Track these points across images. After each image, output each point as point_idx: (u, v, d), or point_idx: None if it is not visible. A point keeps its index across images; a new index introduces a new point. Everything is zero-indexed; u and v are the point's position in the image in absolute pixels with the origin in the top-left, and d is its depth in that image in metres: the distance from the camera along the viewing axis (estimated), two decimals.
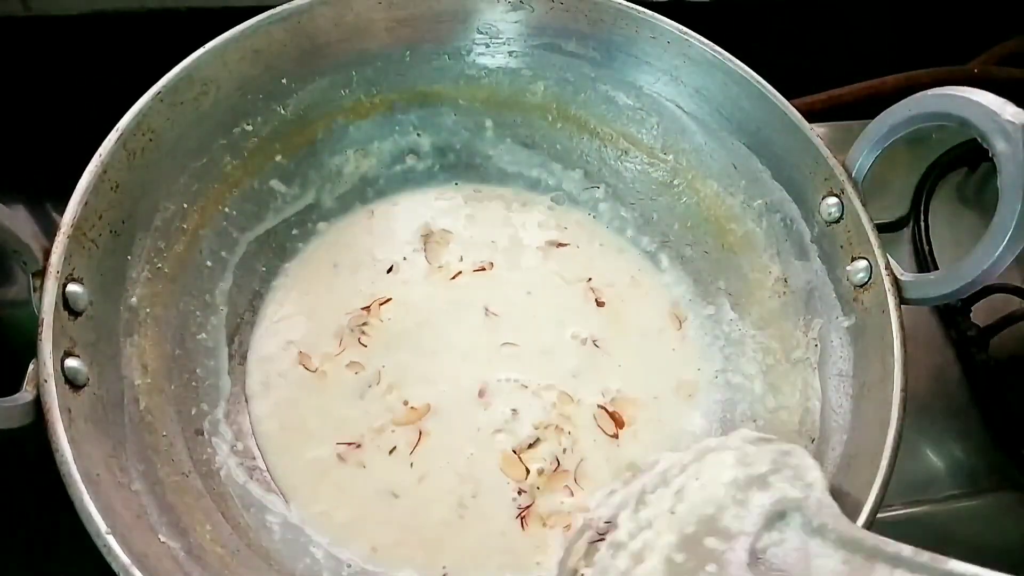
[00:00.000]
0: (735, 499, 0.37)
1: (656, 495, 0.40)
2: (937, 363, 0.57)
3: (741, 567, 0.34)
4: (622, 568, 0.37)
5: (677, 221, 0.54)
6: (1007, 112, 0.37)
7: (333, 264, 0.50)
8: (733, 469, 0.39)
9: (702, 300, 0.52)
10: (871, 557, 0.32)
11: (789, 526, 0.35)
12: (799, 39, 0.71)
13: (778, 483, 0.37)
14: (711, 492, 0.38)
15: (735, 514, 0.36)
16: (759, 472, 0.38)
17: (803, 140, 0.46)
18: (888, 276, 0.42)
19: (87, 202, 0.37)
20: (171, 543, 0.35)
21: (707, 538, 0.36)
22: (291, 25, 0.46)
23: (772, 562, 0.35)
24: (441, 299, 0.50)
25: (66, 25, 0.57)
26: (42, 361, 0.33)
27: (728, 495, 0.37)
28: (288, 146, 0.50)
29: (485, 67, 0.53)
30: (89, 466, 0.33)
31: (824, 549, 0.34)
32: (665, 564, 0.36)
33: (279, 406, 0.45)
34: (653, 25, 0.49)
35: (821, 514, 0.35)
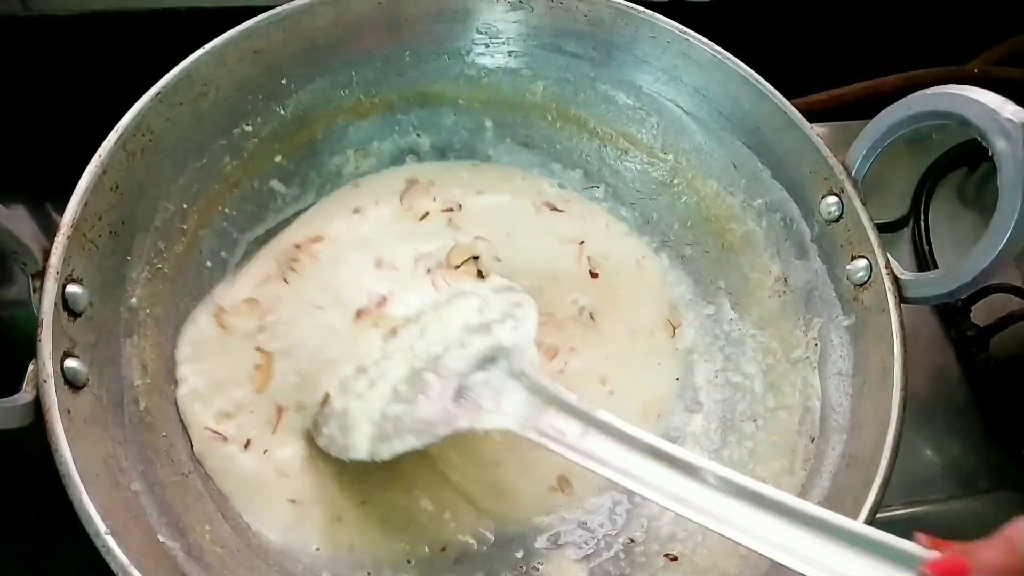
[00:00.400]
0: (461, 341, 0.42)
1: (407, 329, 0.44)
2: (937, 363, 0.57)
3: (446, 400, 0.40)
4: (359, 391, 0.42)
5: (677, 221, 0.54)
6: (1007, 111, 0.37)
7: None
8: (471, 315, 0.44)
9: (702, 300, 0.52)
10: (548, 402, 0.38)
11: (497, 368, 0.40)
12: (799, 39, 0.71)
13: (498, 331, 0.42)
14: (447, 333, 0.43)
15: (457, 355, 0.41)
16: (488, 319, 0.43)
17: (803, 140, 0.46)
18: (888, 275, 0.42)
19: (87, 202, 0.37)
20: (170, 543, 0.35)
21: (427, 373, 0.41)
22: (291, 25, 0.46)
23: (472, 398, 0.39)
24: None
25: (66, 25, 0.57)
26: (42, 361, 0.33)
27: (457, 337, 0.42)
28: (288, 146, 0.50)
29: (485, 67, 0.53)
30: (89, 466, 0.33)
31: (516, 390, 0.39)
32: (391, 392, 0.41)
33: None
34: (653, 25, 0.49)
35: (523, 362, 0.40)
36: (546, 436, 0.37)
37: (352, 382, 0.42)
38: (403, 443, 0.39)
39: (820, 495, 0.41)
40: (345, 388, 0.42)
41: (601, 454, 0.36)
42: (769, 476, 0.44)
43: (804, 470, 0.43)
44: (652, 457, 0.35)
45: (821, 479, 0.42)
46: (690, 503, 0.33)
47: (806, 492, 0.42)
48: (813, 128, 0.46)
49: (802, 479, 0.43)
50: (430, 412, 0.39)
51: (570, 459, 0.36)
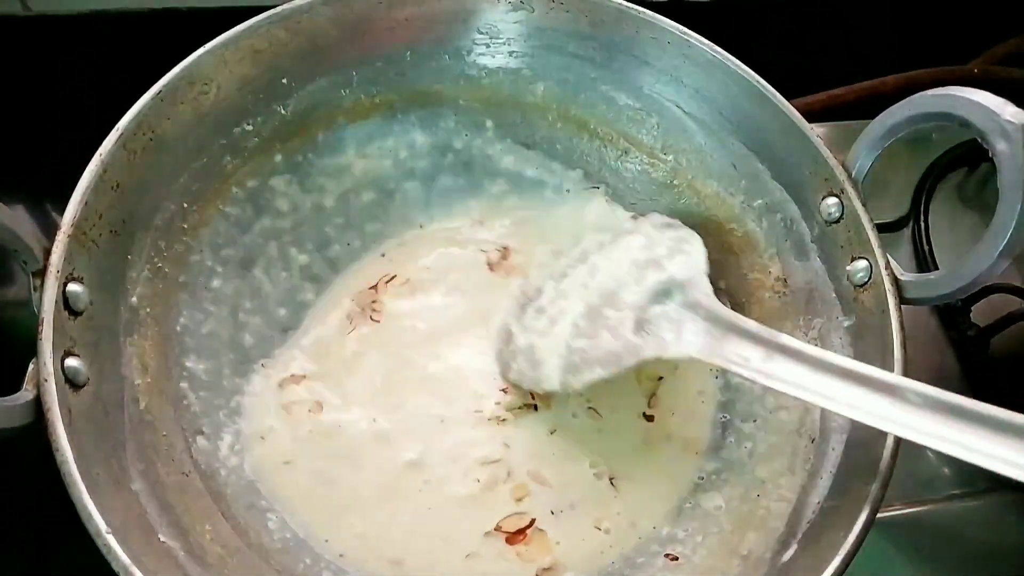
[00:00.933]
0: (634, 277, 0.44)
1: (576, 270, 0.47)
2: (937, 363, 0.57)
3: (628, 332, 0.42)
4: (540, 328, 0.45)
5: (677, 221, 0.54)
6: (1007, 112, 0.37)
7: None
8: (639, 251, 0.46)
9: None
10: (728, 329, 0.39)
11: (672, 301, 0.42)
12: (799, 39, 0.71)
13: (670, 265, 0.44)
14: (617, 270, 0.45)
15: (632, 290, 0.44)
16: (657, 254, 0.45)
17: (803, 140, 0.46)
18: (888, 276, 0.42)
19: (87, 202, 0.37)
20: (171, 543, 0.35)
21: (606, 308, 0.44)
22: (291, 25, 0.46)
23: (652, 330, 0.41)
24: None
25: (66, 25, 0.57)
26: (42, 361, 0.33)
27: (629, 273, 0.45)
28: (288, 146, 0.50)
29: (485, 67, 0.53)
30: (89, 466, 0.33)
31: (695, 324, 0.40)
32: (572, 327, 0.44)
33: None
34: (653, 25, 0.49)
35: (697, 294, 0.42)
36: (731, 362, 0.38)
37: (532, 320, 0.46)
38: (592, 373, 0.42)
39: (820, 495, 0.41)
40: (527, 326, 0.46)
41: (787, 376, 0.36)
42: (769, 476, 0.44)
43: (804, 470, 0.43)
44: (840, 376, 0.35)
45: (821, 479, 0.42)
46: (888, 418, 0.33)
47: (806, 492, 0.42)
48: (813, 128, 0.46)
49: (802, 479, 0.43)
50: (614, 344, 0.42)
51: (758, 382, 0.37)
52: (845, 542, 0.36)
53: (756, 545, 0.41)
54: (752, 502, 0.44)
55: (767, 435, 0.47)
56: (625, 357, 0.41)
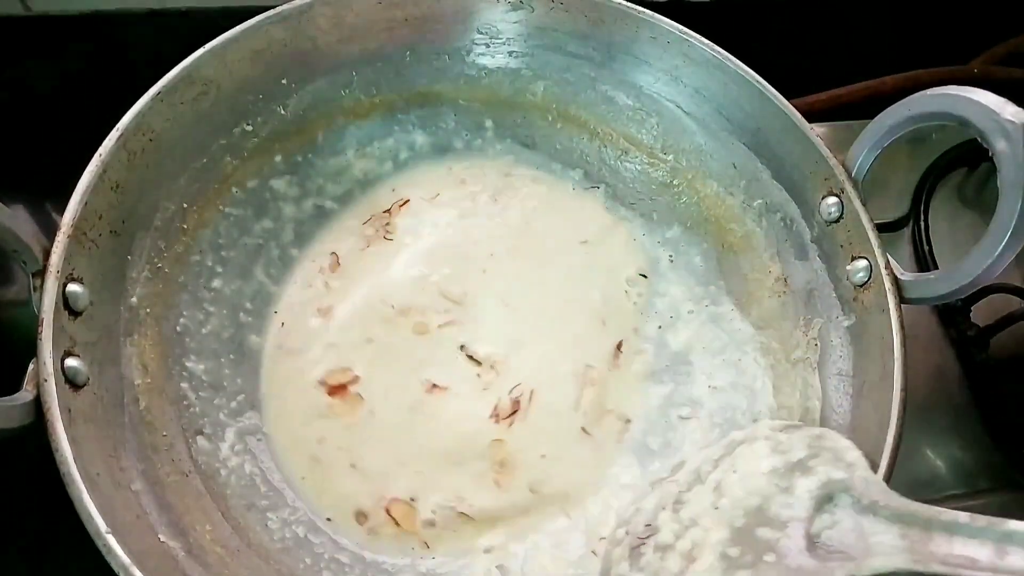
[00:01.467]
0: (779, 487, 0.37)
1: (693, 493, 0.39)
2: (937, 363, 0.57)
3: (800, 552, 0.34)
4: (675, 570, 0.36)
5: (677, 221, 0.54)
6: (1007, 112, 0.37)
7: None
8: (770, 458, 0.39)
9: (702, 300, 0.52)
10: (928, 528, 0.32)
11: (840, 507, 0.35)
12: (799, 39, 0.71)
13: (820, 467, 0.37)
14: (753, 483, 0.38)
15: (783, 502, 0.36)
16: (798, 458, 0.38)
17: (803, 140, 0.46)
18: (888, 276, 0.42)
19: (87, 202, 0.37)
20: (171, 543, 0.35)
21: (759, 528, 0.36)
22: (291, 25, 0.46)
23: (829, 544, 0.34)
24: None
25: (66, 25, 0.57)
26: (42, 361, 0.33)
27: (771, 484, 0.37)
28: (288, 146, 0.50)
29: (485, 67, 0.53)
30: (89, 466, 0.33)
31: (879, 526, 0.34)
32: (721, 560, 0.35)
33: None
34: (653, 25, 0.49)
35: (870, 492, 0.35)
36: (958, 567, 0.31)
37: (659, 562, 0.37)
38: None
39: None
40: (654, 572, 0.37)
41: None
42: None
43: None
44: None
45: None
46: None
47: None
48: (813, 128, 0.46)
49: None
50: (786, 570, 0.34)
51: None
52: None
53: None
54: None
55: None
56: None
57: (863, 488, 0.35)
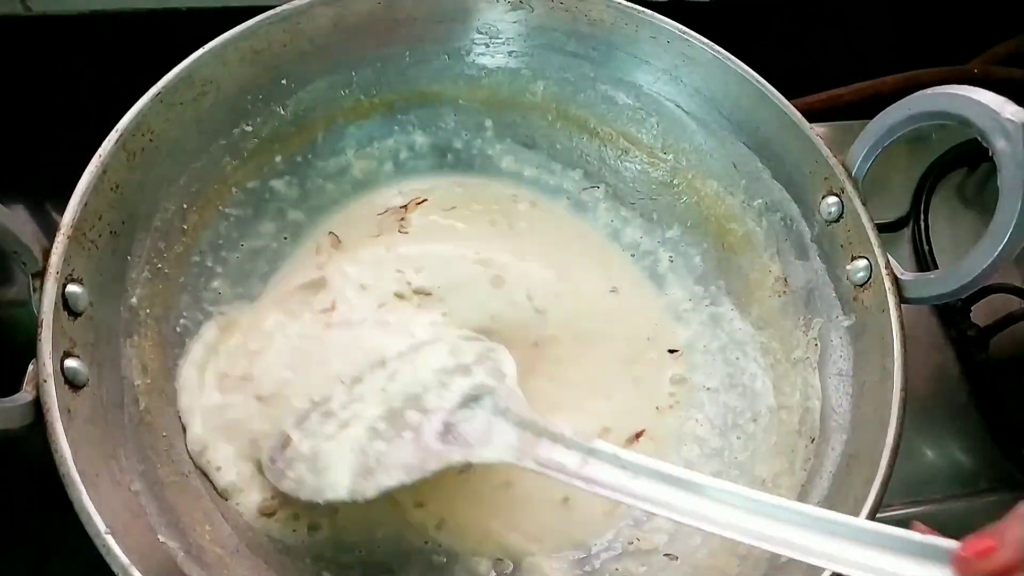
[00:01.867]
0: (440, 382, 0.42)
1: (373, 374, 0.44)
2: (937, 363, 0.57)
3: (433, 435, 0.39)
4: (329, 432, 0.41)
5: (677, 221, 0.54)
6: (1007, 111, 0.37)
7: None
8: (445, 357, 0.44)
9: (702, 300, 0.52)
10: (539, 434, 0.38)
11: (481, 407, 0.40)
12: (799, 39, 0.71)
13: (478, 371, 0.42)
14: (421, 375, 0.43)
15: (437, 394, 0.41)
16: (465, 361, 0.43)
17: (803, 140, 0.46)
18: (888, 276, 0.42)
19: (87, 202, 0.37)
20: (170, 543, 0.35)
21: (408, 411, 0.41)
22: (291, 26, 0.46)
23: (460, 434, 0.40)
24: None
25: (66, 25, 0.57)
26: (42, 361, 0.33)
27: (435, 378, 0.42)
28: (288, 146, 0.50)
29: (485, 67, 0.53)
30: (89, 466, 0.33)
31: (505, 427, 0.39)
32: (368, 432, 0.40)
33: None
34: (653, 25, 0.49)
35: (508, 400, 0.40)
36: (546, 467, 0.37)
37: (317, 425, 0.41)
38: (389, 478, 0.38)
39: (820, 495, 0.41)
40: (310, 432, 0.41)
41: (604, 479, 0.36)
42: (769, 476, 0.45)
43: (804, 470, 0.43)
44: (655, 479, 0.35)
45: (821, 479, 0.42)
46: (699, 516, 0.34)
47: (806, 492, 0.42)
48: (813, 128, 0.46)
49: (802, 479, 0.43)
50: (417, 448, 0.39)
51: (575, 486, 0.36)
52: None
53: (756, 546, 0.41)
54: None
55: (767, 435, 0.47)
56: (430, 462, 0.39)
57: (505, 396, 0.41)
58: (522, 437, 0.38)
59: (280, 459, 0.41)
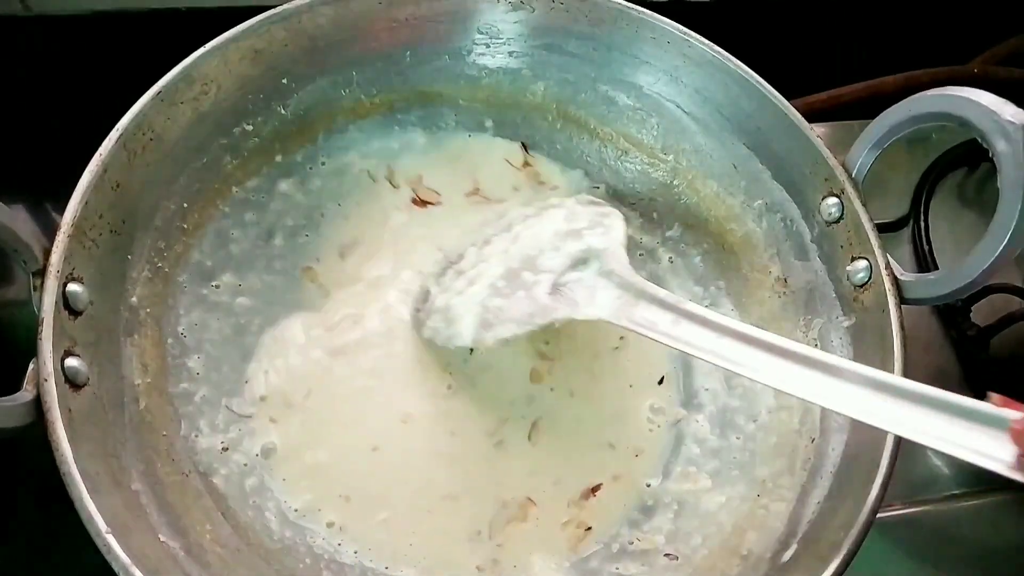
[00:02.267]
0: (553, 245, 0.46)
1: (499, 237, 0.48)
2: (937, 363, 0.57)
3: (543, 294, 0.43)
4: (459, 288, 0.46)
5: (677, 221, 0.54)
6: (1007, 112, 0.37)
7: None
8: (561, 222, 0.47)
9: (702, 300, 0.52)
10: (639, 296, 0.41)
11: (588, 269, 0.44)
12: (799, 39, 0.71)
13: (588, 236, 0.45)
14: (538, 239, 0.47)
15: (550, 256, 0.45)
16: (578, 226, 0.47)
17: (803, 140, 0.46)
18: (888, 276, 0.42)
19: (87, 202, 0.37)
20: (171, 543, 0.35)
21: (524, 272, 0.45)
22: (291, 25, 0.46)
23: (567, 293, 0.43)
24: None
25: (66, 25, 0.57)
26: (42, 361, 0.33)
27: (550, 242, 0.46)
28: (288, 145, 0.50)
29: (485, 67, 0.53)
30: (89, 466, 0.33)
31: (608, 288, 0.42)
32: (489, 288, 0.45)
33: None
34: (653, 25, 0.49)
35: (613, 263, 0.43)
36: (640, 325, 0.40)
37: (451, 281, 0.47)
38: (505, 329, 0.43)
39: (820, 495, 0.41)
40: (445, 287, 0.47)
41: (692, 339, 0.38)
42: (769, 476, 0.44)
43: (804, 470, 0.43)
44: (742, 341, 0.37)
45: (821, 479, 0.42)
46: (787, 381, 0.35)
47: (806, 492, 0.42)
48: (813, 128, 0.46)
49: (802, 479, 0.43)
50: (528, 304, 0.43)
51: (664, 343, 0.39)
52: (845, 542, 0.36)
53: (756, 545, 0.41)
54: (752, 502, 0.44)
55: (767, 435, 0.47)
56: (538, 316, 0.43)
57: (610, 259, 0.43)
58: (622, 298, 0.41)
59: (423, 309, 0.47)
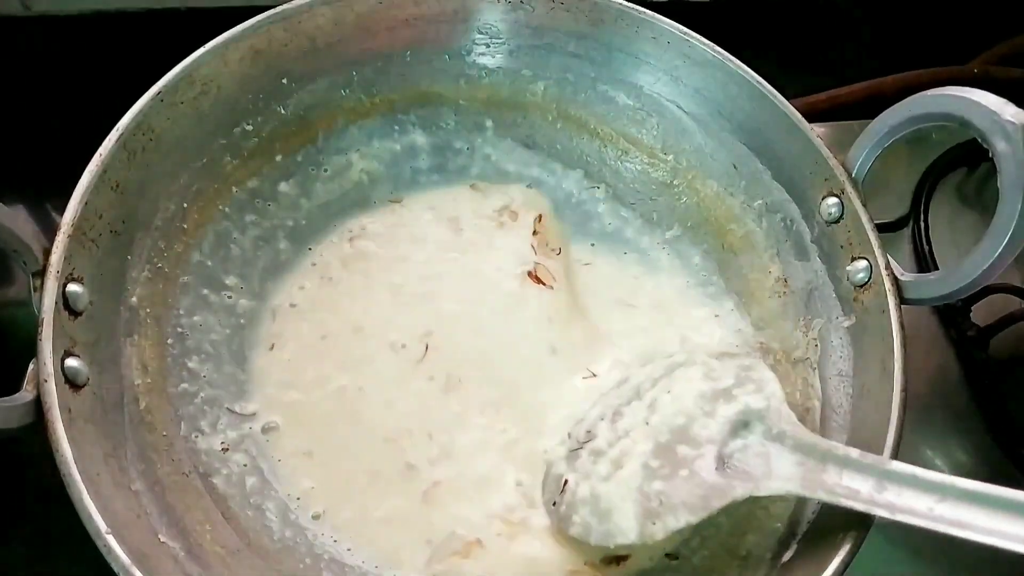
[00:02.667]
0: (703, 410, 0.41)
1: (631, 407, 0.43)
2: (937, 363, 0.57)
3: (710, 471, 0.38)
4: (603, 473, 0.41)
5: (677, 221, 0.54)
6: (1007, 112, 0.37)
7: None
8: (701, 383, 0.42)
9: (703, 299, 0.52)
10: (823, 459, 0.36)
11: (752, 433, 0.39)
12: (799, 39, 0.71)
13: (742, 395, 0.41)
14: (682, 404, 0.42)
15: (704, 424, 0.40)
16: (725, 385, 0.42)
17: (803, 140, 0.46)
18: (888, 276, 0.42)
19: (87, 202, 0.37)
20: (171, 543, 0.35)
21: (679, 446, 0.40)
22: (291, 25, 0.46)
23: (737, 466, 0.38)
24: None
25: (66, 25, 0.57)
26: (42, 361, 0.33)
27: (697, 407, 0.41)
28: (289, 146, 0.50)
29: (485, 67, 0.53)
30: (89, 466, 0.33)
31: (783, 453, 0.37)
32: (643, 469, 0.40)
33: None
34: (653, 25, 0.49)
35: (780, 423, 0.38)
36: (838, 496, 0.35)
37: (591, 466, 0.41)
38: (676, 519, 0.37)
39: None
40: (585, 473, 0.41)
41: (908, 505, 0.33)
42: None
43: None
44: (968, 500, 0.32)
45: None
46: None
47: None
48: (813, 128, 0.46)
49: None
50: (695, 484, 0.38)
51: (877, 515, 0.34)
52: (845, 542, 0.36)
53: (756, 545, 0.41)
54: (752, 502, 0.44)
55: None
56: (714, 498, 0.37)
57: (775, 419, 0.39)
58: (804, 464, 0.36)
59: (561, 503, 0.41)
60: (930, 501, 0.33)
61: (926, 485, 0.33)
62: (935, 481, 0.33)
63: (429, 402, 0.46)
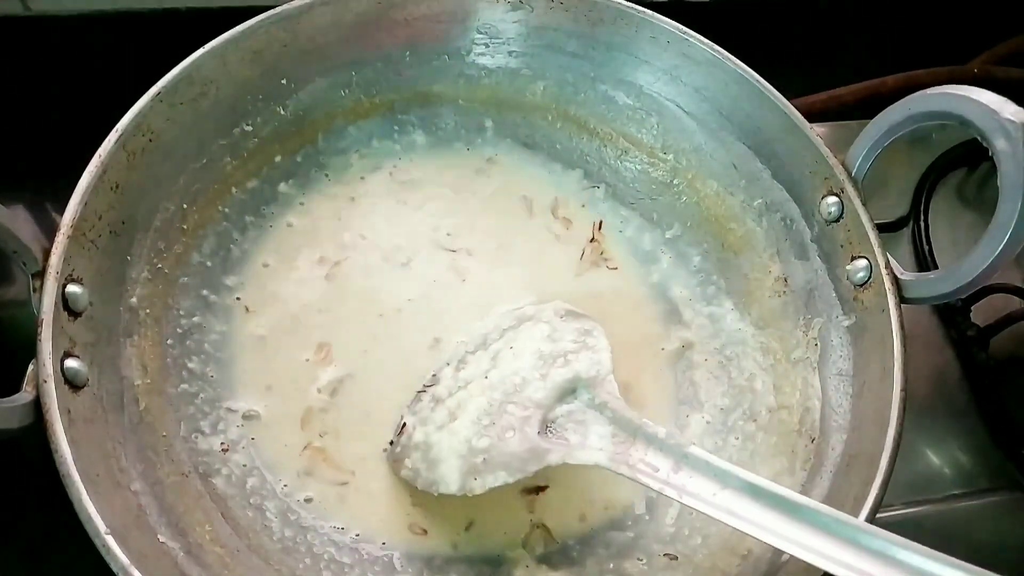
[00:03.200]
0: (539, 372, 0.42)
1: (476, 356, 0.44)
2: (937, 363, 0.57)
3: (534, 434, 0.39)
4: (439, 421, 0.41)
5: (677, 221, 0.54)
6: (1007, 111, 0.37)
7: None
8: (541, 342, 0.43)
9: (702, 300, 0.52)
10: (634, 434, 0.38)
11: (577, 399, 0.41)
12: (799, 39, 0.71)
13: (575, 362, 0.42)
14: (521, 363, 0.42)
15: (536, 387, 0.41)
16: (562, 349, 0.43)
17: (803, 140, 0.46)
18: (888, 275, 0.42)
19: (87, 202, 0.37)
20: (170, 543, 0.35)
21: (510, 405, 0.41)
22: (291, 25, 0.46)
23: (558, 431, 0.40)
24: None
25: (66, 25, 0.57)
26: (42, 361, 0.33)
27: (534, 368, 0.42)
28: (288, 146, 0.50)
29: (485, 67, 0.53)
30: (89, 466, 0.33)
31: (599, 422, 0.39)
32: (474, 424, 0.40)
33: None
34: (653, 25, 0.49)
35: (603, 393, 0.40)
36: (639, 471, 0.37)
37: (429, 412, 0.42)
38: (495, 478, 0.38)
39: (820, 495, 0.41)
40: (423, 418, 0.42)
41: (694, 489, 0.35)
42: (769, 476, 0.44)
43: (804, 470, 0.43)
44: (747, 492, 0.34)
45: (821, 479, 0.42)
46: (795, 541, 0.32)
47: (806, 492, 0.42)
48: (813, 128, 0.46)
49: (802, 479, 0.43)
50: (518, 446, 0.39)
51: (665, 494, 0.36)
52: None
53: (756, 545, 0.41)
54: None
55: (767, 435, 0.47)
56: (530, 462, 0.38)
57: (600, 389, 0.40)
58: (616, 437, 0.38)
59: (397, 444, 0.42)
60: (714, 487, 0.35)
61: (714, 472, 0.35)
62: (721, 469, 0.35)
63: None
